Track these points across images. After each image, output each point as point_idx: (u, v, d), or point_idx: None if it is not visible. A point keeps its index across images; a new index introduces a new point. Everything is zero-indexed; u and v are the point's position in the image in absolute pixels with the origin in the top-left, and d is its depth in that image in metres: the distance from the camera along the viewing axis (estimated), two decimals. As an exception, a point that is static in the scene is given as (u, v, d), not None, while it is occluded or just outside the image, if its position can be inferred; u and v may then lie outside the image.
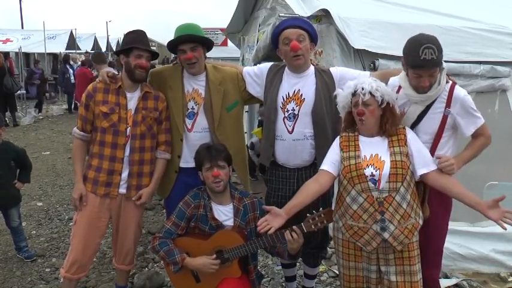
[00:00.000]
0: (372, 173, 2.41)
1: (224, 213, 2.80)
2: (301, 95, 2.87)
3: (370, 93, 2.43)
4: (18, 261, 4.20)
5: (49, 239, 4.75)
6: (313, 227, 2.56)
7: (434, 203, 2.62)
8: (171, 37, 2.97)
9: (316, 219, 2.56)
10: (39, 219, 5.30)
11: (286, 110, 2.88)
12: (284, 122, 2.89)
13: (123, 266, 3.22)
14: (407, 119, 2.65)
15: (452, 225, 2.81)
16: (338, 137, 2.63)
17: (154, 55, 2.98)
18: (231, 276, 2.75)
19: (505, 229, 2.31)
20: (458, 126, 2.62)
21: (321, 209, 2.60)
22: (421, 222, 2.51)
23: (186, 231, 2.84)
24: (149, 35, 3.08)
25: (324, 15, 3.94)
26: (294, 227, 2.55)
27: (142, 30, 3.01)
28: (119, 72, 3.08)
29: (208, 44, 3.00)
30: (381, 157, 2.44)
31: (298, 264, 3.49)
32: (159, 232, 2.86)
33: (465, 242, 3.84)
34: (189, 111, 2.99)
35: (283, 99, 2.90)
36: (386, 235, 2.39)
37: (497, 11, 4.49)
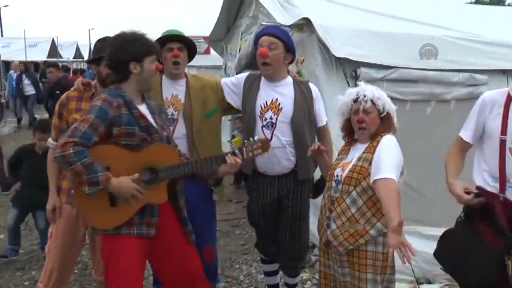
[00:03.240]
0: (337, 174, 2.48)
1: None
2: (279, 104, 2.90)
3: (372, 101, 2.44)
4: (-4, 274, 4.11)
5: (29, 251, 4.64)
6: (250, 154, 2.60)
7: None
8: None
9: (254, 146, 2.60)
10: (18, 231, 5.18)
11: (264, 118, 2.90)
12: (263, 131, 2.90)
13: (103, 278, 3.15)
14: None
15: (433, 230, 2.83)
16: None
17: None
18: (156, 201, 2.35)
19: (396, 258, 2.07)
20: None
21: (256, 137, 2.67)
22: (372, 232, 2.37)
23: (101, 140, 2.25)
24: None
25: (306, 24, 3.97)
26: (236, 150, 2.58)
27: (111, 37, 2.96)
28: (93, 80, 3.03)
29: (192, 50, 3.02)
30: (352, 160, 2.49)
31: (280, 272, 3.47)
32: (71, 136, 2.14)
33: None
34: (168, 117, 2.97)
35: (261, 107, 2.92)
36: (328, 232, 2.46)
37: (475, 21, 4.58)
